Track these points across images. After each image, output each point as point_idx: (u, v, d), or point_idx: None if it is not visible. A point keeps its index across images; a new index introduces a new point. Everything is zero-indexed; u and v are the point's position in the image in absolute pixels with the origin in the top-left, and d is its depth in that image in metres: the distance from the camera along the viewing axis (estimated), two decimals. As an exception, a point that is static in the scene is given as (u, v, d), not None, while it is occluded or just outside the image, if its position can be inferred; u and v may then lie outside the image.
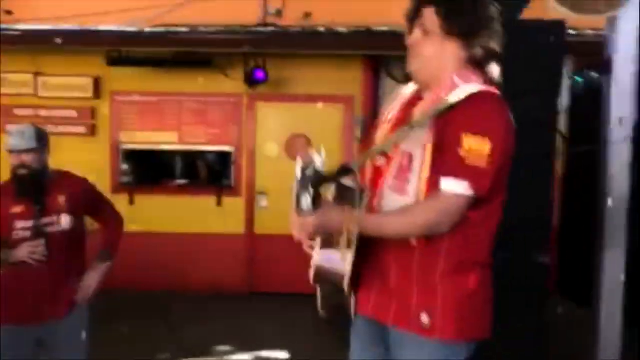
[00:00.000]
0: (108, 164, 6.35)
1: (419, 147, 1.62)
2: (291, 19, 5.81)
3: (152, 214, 6.27)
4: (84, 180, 2.89)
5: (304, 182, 1.54)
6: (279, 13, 5.65)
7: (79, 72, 6.19)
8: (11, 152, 2.62)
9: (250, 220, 6.40)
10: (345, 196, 1.65)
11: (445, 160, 1.56)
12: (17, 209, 2.64)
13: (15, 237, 2.61)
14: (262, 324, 5.30)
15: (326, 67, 6.20)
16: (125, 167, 6.41)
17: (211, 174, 6.78)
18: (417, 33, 1.69)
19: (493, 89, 1.64)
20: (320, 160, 1.56)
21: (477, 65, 1.67)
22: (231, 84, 6.06)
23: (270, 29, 5.55)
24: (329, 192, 1.68)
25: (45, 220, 2.65)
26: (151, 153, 6.52)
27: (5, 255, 2.60)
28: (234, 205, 6.40)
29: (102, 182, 6.30)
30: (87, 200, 2.80)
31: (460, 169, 1.53)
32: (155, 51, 5.86)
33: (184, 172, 6.79)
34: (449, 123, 1.57)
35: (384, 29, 5.73)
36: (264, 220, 6.35)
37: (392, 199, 1.67)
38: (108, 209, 2.94)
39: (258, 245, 6.35)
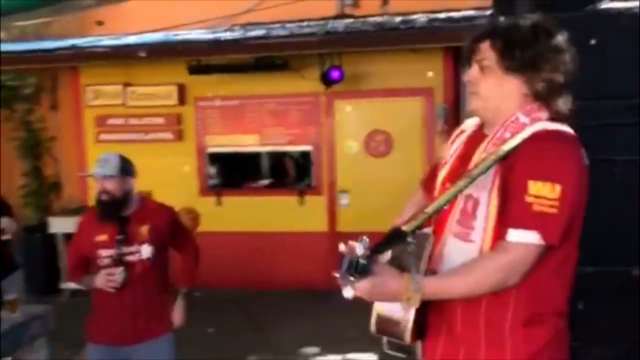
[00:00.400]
0: (195, 167, 6.60)
1: (484, 192, 1.52)
2: (367, 9, 5.74)
3: (237, 214, 6.46)
4: (169, 211, 3.00)
5: (347, 271, 1.41)
6: (355, 3, 5.60)
7: (164, 81, 6.44)
8: (94, 177, 2.77)
9: (332, 218, 6.44)
10: (402, 258, 1.55)
11: (511, 209, 1.46)
12: (101, 237, 2.78)
13: (99, 264, 2.77)
14: (348, 324, 5.32)
15: (403, 60, 6.07)
16: (211, 170, 6.63)
17: (298, 172, 6.89)
18: (474, 69, 1.59)
19: (562, 127, 1.53)
20: (361, 247, 1.41)
21: (543, 100, 1.55)
22: (308, 84, 6.08)
23: (347, 20, 5.49)
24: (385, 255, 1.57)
25: (127, 249, 2.78)
26: (235, 155, 6.70)
27: (87, 281, 2.79)
28: (316, 203, 6.45)
29: (190, 185, 6.60)
30: (169, 230, 2.91)
31: (527, 218, 1.43)
32: (233, 58, 5.97)
33: (267, 173, 6.94)
34: (513, 168, 1.47)
35: (464, 13, 5.54)
36: (345, 217, 6.37)
37: (455, 247, 1.58)
38: (188, 241, 3.04)
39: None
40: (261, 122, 6.43)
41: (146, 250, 2.79)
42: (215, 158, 6.65)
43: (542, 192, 1.42)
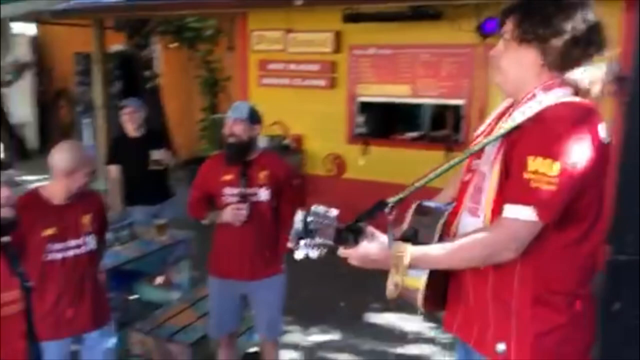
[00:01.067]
0: (345, 115, 6.74)
1: (489, 167, 1.54)
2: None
3: (382, 164, 6.51)
4: (286, 166, 3.21)
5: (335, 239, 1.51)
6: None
7: (321, 28, 6.57)
8: (227, 120, 3.01)
9: (478, 177, 6.20)
10: (418, 231, 1.65)
11: (510, 184, 1.47)
12: (227, 177, 3.03)
13: (224, 202, 3.03)
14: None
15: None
16: (360, 118, 6.73)
17: (447, 126, 6.70)
18: (499, 44, 1.62)
19: (576, 101, 1.49)
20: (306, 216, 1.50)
21: (560, 70, 1.53)
22: (464, 35, 5.79)
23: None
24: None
25: (248, 190, 3.01)
26: (385, 105, 6.70)
27: (214, 216, 3.06)
28: (463, 160, 6.24)
29: (339, 133, 6.77)
30: (284, 182, 3.09)
31: (524, 194, 1.42)
32: (389, 6, 5.87)
33: (415, 125, 6.85)
34: (515, 145, 1.47)
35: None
36: (493, 177, 6.09)
37: (467, 222, 1.62)
38: (297, 197, 3.14)
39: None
40: (413, 73, 6.30)
41: (264, 194, 3.01)
42: (365, 107, 6.71)
43: (541, 169, 1.39)
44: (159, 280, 4.35)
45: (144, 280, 4.30)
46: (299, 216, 1.47)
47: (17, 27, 11.47)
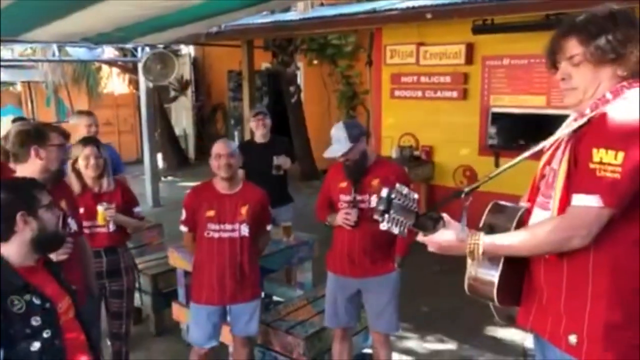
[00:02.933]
0: (477, 126, 6.67)
1: (558, 162, 1.64)
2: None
3: (515, 177, 6.30)
4: (401, 170, 3.37)
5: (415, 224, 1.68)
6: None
7: (453, 40, 6.60)
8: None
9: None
10: (493, 225, 1.74)
11: (577, 175, 1.55)
12: (342, 185, 3.28)
13: (339, 207, 3.28)
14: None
15: None
16: (492, 130, 6.62)
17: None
18: (565, 67, 1.67)
19: None
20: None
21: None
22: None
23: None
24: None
25: (360, 197, 3.22)
26: (518, 116, 6.53)
27: (332, 219, 3.31)
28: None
29: (471, 144, 6.72)
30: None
31: (589, 182, 1.50)
32: (523, 15, 5.75)
33: (549, 137, 6.55)
34: (581, 140, 1.56)
35: None
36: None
37: (538, 216, 1.69)
38: None
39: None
40: (549, 84, 6.08)
41: (374, 199, 3.19)
42: (498, 118, 6.58)
43: (606, 159, 1.47)
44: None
45: (269, 277, 4.65)
46: (384, 192, 1.65)
47: (183, 49, 12.84)
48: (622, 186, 1.47)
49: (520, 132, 6.67)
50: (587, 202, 1.50)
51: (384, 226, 1.64)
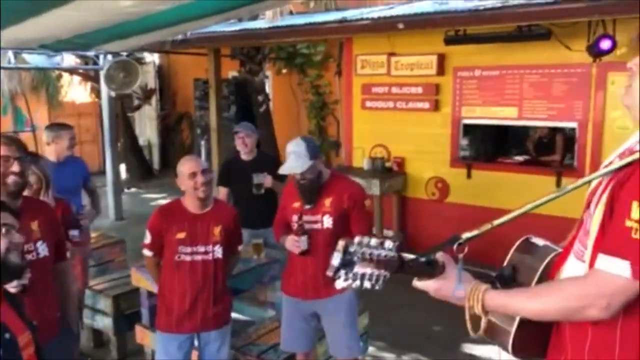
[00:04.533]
0: (449, 137, 6.59)
1: (595, 205, 1.35)
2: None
3: (487, 189, 6.29)
4: (354, 185, 3.19)
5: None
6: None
7: (425, 51, 6.51)
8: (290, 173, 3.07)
9: (592, 205, 5.78)
10: (518, 267, 1.51)
11: (609, 230, 1.27)
12: (296, 204, 3.12)
13: (293, 227, 3.11)
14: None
15: None
16: (464, 141, 6.55)
17: (558, 151, 6.36)
18: (634, 60, 1.41)
19: None
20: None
21: None
22: (574, 54, 5.49)
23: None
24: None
25: (310, 218, 3.05)
26: (490, 128, 6.49)
27: (283, 241, 3.16)
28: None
29: (443, 155, 6.64)
30: (350, 205, 3.07)
31: (622, 244, 1.22)
32: (494, 27, 5.71)
33: (522, 149, 6.55)
34: (622, 186, 1.27)
35: None
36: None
37: (572, 266, 1.44)
38: (363, 221, 3.10)
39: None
40: (521, 95, 6.06)
41: (327, 221, 3.03)
42: (469, 130, 6.53)
43: None
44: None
45: (240, 297, 4.44)
46: (340, 245, 1.37)
47: (147, 57, 12.52)
48: None
49: (492, 143, 6.65)
50: (614, 268, 1.23)
51: (340, 284, 1.34)
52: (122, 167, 10.81)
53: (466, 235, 1.43)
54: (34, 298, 2.35)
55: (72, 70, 10.68)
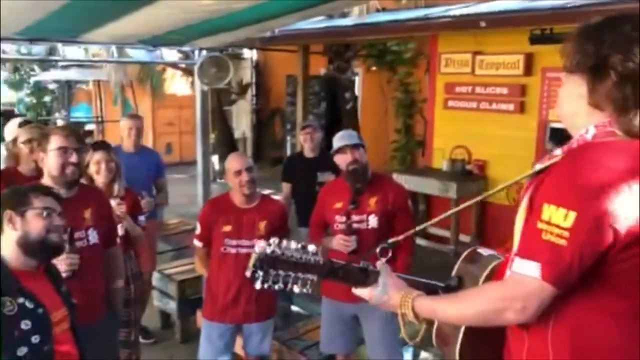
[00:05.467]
0: (534, 142, 6.27)
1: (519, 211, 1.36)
2: None
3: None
4: (399, 187, 3.16)
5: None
6: None
7: (511, 50, 6.23)
8: (342, 148, 3.04)
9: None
10: (464, 276, 1.52)
11: (523, 234, 1.29)
12: (338, 205, 3.09)
13: (335, 228, 3.10)
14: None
15: None
16: (550, 146, 6.20)
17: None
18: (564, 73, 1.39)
19: (623, 141, 1.24)
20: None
21: (611, 111, 1.26)
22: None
23: None
24: None
25: (355, 218, 3.02)
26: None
27: (327, 242, 3.13)
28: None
29: (527, 160, 6.31)
30: (396, 205, 3.02)
31: (533, 246, 1.22)
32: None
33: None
34: (538, 188, 1.27)
35: None
36: None
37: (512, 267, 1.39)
38: (408, 222, 3.05)
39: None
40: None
41: (373, 220, 2.99)
42: (556, 133, 6.16)
43: (554, 219, 1.19)
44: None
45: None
46: (257, 247, 1.42)
47: (245, 52, 12.97)
48: (566, 257, 1.18)
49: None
50: (526, 270, 1.22)
51: (257, 285, 1.41)
52: (216, 159, 11.27)
53: (391, 240, 1.52)
54: (82, 281, 2.53)
55: (171, 65, 11.29)
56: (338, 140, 3.10)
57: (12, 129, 3.77)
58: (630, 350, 1.25)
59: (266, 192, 3.28)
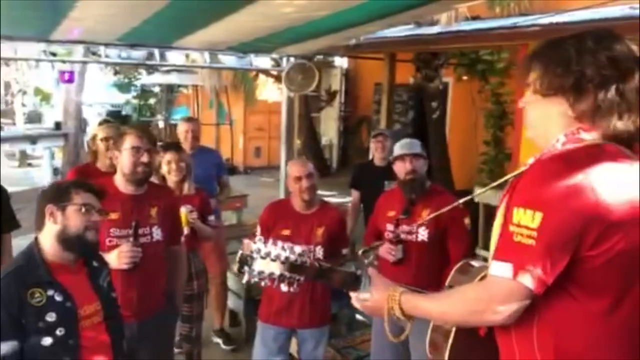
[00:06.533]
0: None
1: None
2: None
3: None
4: (454, 200, 3.01)
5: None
6: None
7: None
8: (402, 157, 3.00)
9: None
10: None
11: (499, 239, 1.34)
12: (391, 213, 3.06)
13: (385, 236, 3.07)
14: None
15: None
16: None
17: None
18: (526, 94, 1.44)
19: (593, 144, 1.29)
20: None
21: (593, 121, 1.31)
22: None
23: None
24: None
25: (405, 228, 2.96)
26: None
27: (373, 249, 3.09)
28: None
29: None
30: (450, 221, 2.91)
31: (506, 248, 1.29)
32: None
33: None
34: (512, 195, 1.33)
35: None
36: None
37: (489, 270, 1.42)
38: (462, 238, 2.94)
39: None
40: None
41: (423, 232, 2.90)
42: None
43: (523, 221, 1.25)
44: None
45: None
46: (244, 243, 1.54)
47: (336, 60, 13.11)
48: (535, 256, 1.22)
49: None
50: (501, 271, 1.27)
51: (244, 278, 1.49)
52: (301, 164, 11.42)
53: (375, 243, 1.66)
54: (143, 276, 2.66)
55: (260, 71, 11.63)
56: (399, 148, 3.07)
57: (93, 126, 4.03)
58: (610, 348, 1.28)
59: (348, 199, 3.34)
